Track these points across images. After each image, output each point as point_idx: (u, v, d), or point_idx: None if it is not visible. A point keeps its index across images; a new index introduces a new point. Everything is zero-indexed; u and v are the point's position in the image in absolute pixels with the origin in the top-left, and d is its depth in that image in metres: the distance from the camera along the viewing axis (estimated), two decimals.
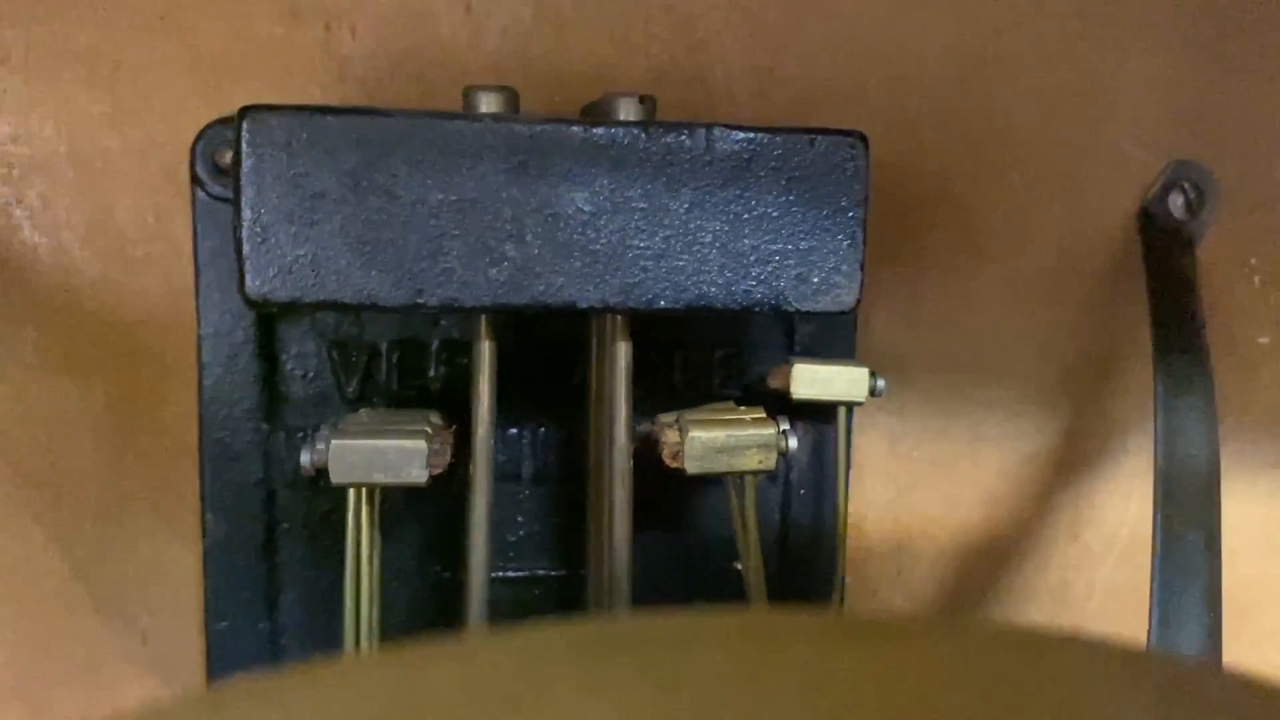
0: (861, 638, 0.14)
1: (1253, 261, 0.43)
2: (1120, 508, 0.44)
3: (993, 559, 0.43)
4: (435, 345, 0.37)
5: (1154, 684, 0.16)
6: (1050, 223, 0.41)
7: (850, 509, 0.41)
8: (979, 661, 0.14)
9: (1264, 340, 0.43)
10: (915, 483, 0.42)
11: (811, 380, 0.36)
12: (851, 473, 0.41)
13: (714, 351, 0.39)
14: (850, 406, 0.37)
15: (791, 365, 0.36)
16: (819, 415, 0.39)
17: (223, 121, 0.35)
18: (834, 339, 0.39)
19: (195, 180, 0.35)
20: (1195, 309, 0.38)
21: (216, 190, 0.35)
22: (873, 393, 0.36)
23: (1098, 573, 0.44)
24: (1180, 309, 0.38)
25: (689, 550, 0.39)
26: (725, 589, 0.38)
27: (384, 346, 0.37)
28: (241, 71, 0.36)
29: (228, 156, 0.35)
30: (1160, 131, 0.42)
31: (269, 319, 0.36)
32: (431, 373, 0.37)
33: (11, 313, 0.36)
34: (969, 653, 0.14)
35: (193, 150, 0.35)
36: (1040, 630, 0.17)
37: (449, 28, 0.37)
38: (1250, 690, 0.16)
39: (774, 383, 0.37)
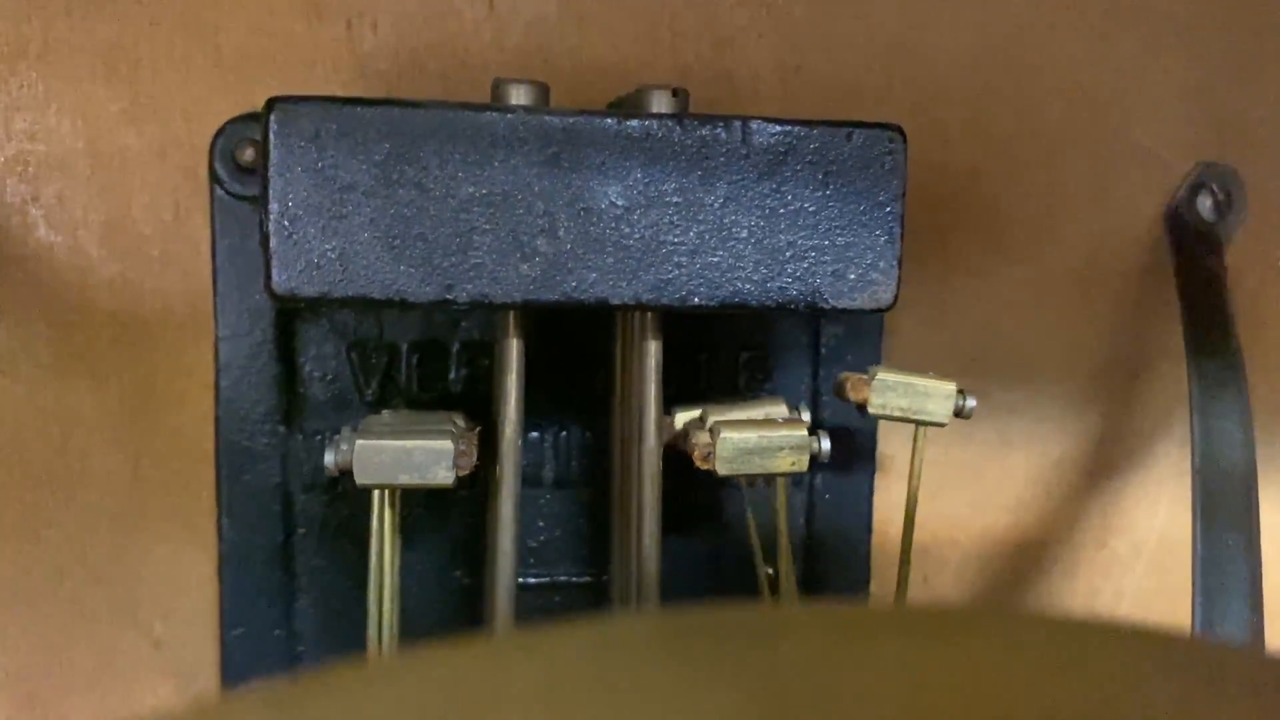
0: (944, 631, 0.14)
1: None
2: (1149, 514, 0.43)
3: (1020, 565, 0.43)
4: (456, 347, 0.37)
5: (1213, 667, 0.15)
6: (1078, 224, 0.41)
7: (875, 514, 0.40)
8: (1067, 654, 0.14)
9: None
10: (941, 487, 0.42)
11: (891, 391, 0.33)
12: (877, 476, 0.40)
13: (740, 353, 0.38)
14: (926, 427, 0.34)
15: (872, 374, 0.33)
16: (847, 419, 0.38)
17: (242, 118, 0.35)
18: (861, 341, 0.39)
19: (214, 178, 0.35)
20: (1227, 309, 0.37)
21: (236, 188, 0.35)
22: (958, 413, 0.34)
23: (1126, 580, 0.43)
24: (1212, 310, 0.37)
25: (714, 554, 0.39)
26: (751, 594, 0.37)
27: (404, 348, 0.36)
28: (262, 68, 0.35)
29: (248, 154, 0.35)
30: (1188, 133, 0.41)
31: (287, 320, 0.36)
32: (452, 375, 0.37)
33: (26, 312, 0.35)
34: (1057, 646, 0.14)
35: (212, 148, 0.35)
36: (1109, 622, 0.16)
37: (472, 23, 0.36)
38: None
39: (853, 394, 0.34)
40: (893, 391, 0.33)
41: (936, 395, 0.33)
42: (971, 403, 0.33)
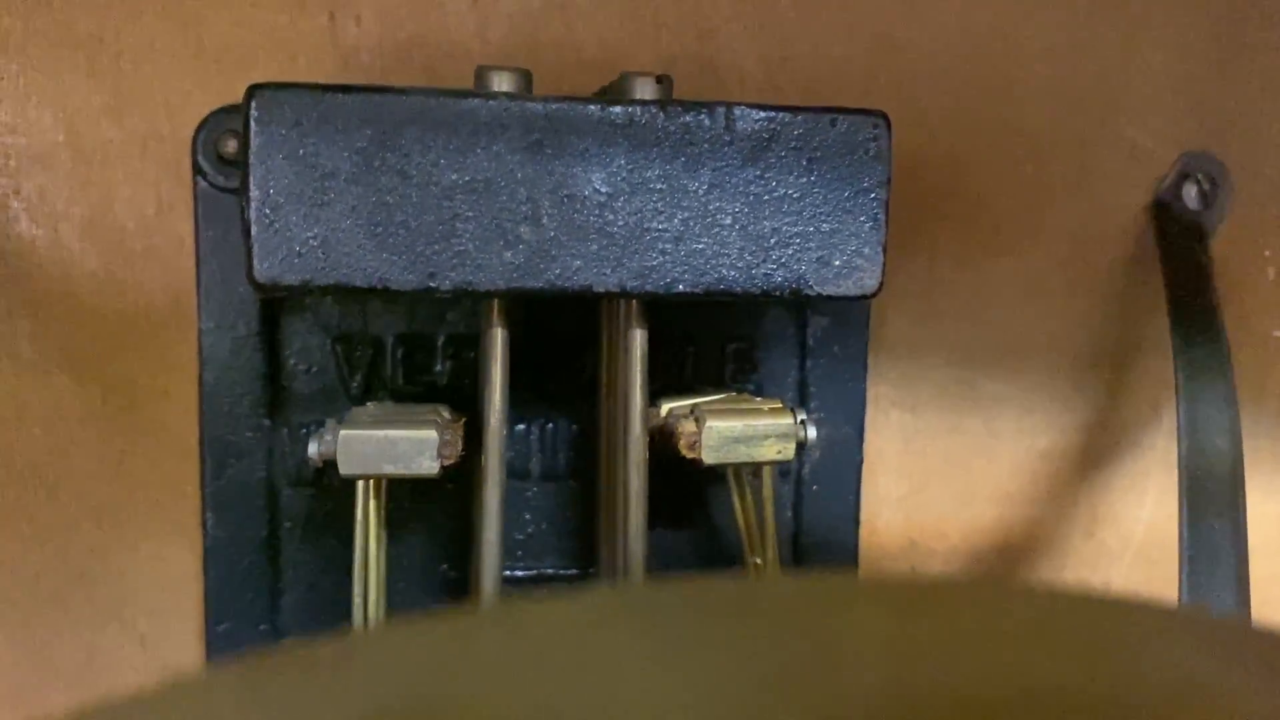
0: (926, 601, 0.14)
1: (1267, 254, 0.43)
2: (1136, 504, 0.43)
3: (1008, 558, 0.43)
4: (442, 340, 0.36)
5: (1208, 636, 0.15)
6: (1064, 214, 0.41)
7: (863, 506, 0.40)
8: (1053, 624, 0.14)
9: (1279, 333, 0.43)
10: (928, 480, 0.42)
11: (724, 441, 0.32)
12: (864, 469, 0.40)
13: (726, 345, 0.38)
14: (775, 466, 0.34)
15: (702, 424, 0.32)
16: (834, 411, 0.38)
17: (225, 110, 0.35)
18: (846, 332, 0.39)
19: (197, 171, 0.35)
20: (1213, 299, 0.37)
21: (219, 181, 0.35)
22: (801, 445, 0.33)
23: (1114, 571, 0.43)
24: (1198, 298, 0.37)
25: (701, 546, 0.38)
26: None
27: (389, 340, 0.36)
28: (245, 60, 0.35)
29: (230, 146, 0.34)
30: (1173, 123, 0.41)
31: (272, 313, 0.35)
32: (438, 367, 0.36)
33: (8, 307, 0.35)
34: (1046, 615, 0.14)
35: (194, 140, 0.35)
36: (1097, 592, 0.16)
37: (456, 15, 0.36)
38: None
39: (685, 450, 0.32)
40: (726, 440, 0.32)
41: (772, 434, 0.32)
42: (813, 432, 0.33)
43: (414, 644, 0.13)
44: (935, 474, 0.42)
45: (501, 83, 0.29)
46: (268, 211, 0.27)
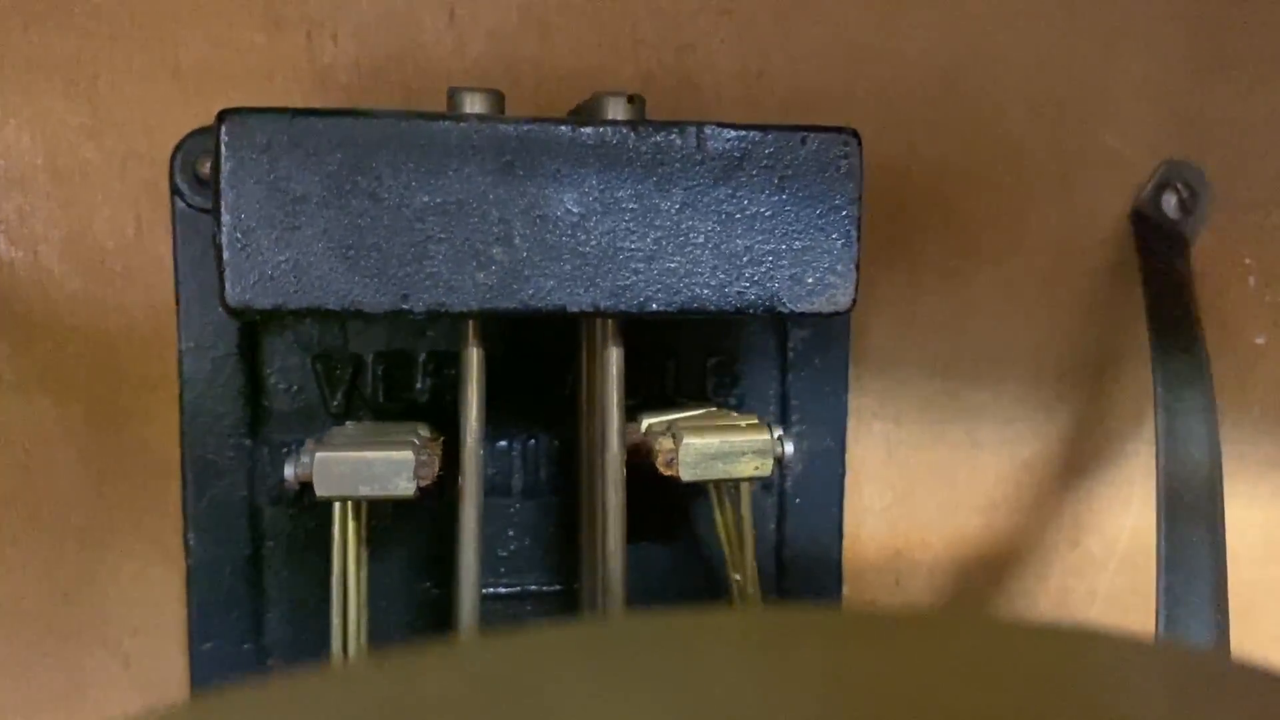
0: (874, 634, 0.14)
1: (1247, 261, 0.43)
2: (1120, 512, 0.43)
3: (992, 567, 0.43)
4: (422, 357, 0.36)
5: (1175, 674, 0.15)
6: (1044, 224, 0.41)
7: (846, 517, 0.40)
8: (996, 656, 0.14)
9: (1260, 340, 0.43)
10: (912, 490, 0.42)
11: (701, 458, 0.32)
12: (848, 480, 0.40)
13: (707, 358, 0.38)
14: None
15: (679, 441, 0.32)
16: (816, 423, 0.38)
17: (202, 131, 0.35)
18: (827, 344, 0.39)
19: (175, 191, 0.35)
20: (1192, 308, 0.38)
21: (197, 201, 0.35)
22: (779, 461, 0.33)
23: (1099, 579, 0.43)
24: (1177, 308, 0.37)
25: (684, 561, 0.38)
26: (722, 601, 0.37)
27: (369, 359, 0.36)
28: (222, 80, 0.35)
29: (208, 166, 0.34)
30: (1152, 131, 0.41)
31: (252, 332, 0.35)
32: (418, 385, 0.37)
33: None
34: (984, 647, 0.14)
35: (172, 160, 0.35)
36: (1051, 624, 0.16)
37: (432, 33, 0.36)
38: (1264, 678, 0.16)
39: (663, 467, 0.32)
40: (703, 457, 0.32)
41: (749, 450, 0.32)
42: (790, 448, 0.34)
43: (369, 684, 0.13)
44: (919, 484, 0.42)
45: (473, 104, 0.29)
46: (239, 235, 0.27)
